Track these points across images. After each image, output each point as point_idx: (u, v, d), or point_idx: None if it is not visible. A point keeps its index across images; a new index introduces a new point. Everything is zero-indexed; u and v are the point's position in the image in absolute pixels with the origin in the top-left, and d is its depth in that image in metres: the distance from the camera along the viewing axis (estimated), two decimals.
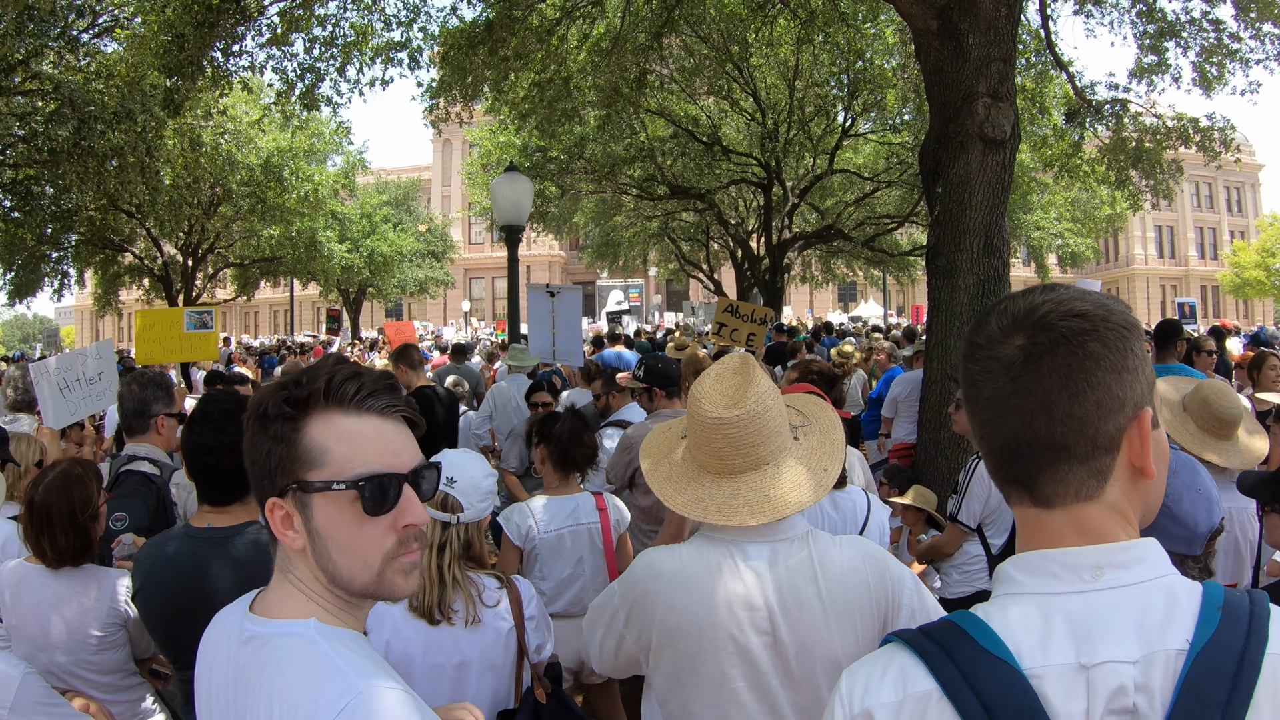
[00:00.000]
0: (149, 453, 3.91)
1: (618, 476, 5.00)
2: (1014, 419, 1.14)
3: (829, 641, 1.96)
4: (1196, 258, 66.23)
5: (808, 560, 2.01)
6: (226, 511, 2.50)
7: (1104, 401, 1.10)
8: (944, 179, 6.18)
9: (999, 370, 1.14)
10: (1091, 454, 1.12)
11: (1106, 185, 16.95)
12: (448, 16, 11.93)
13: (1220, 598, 1.07)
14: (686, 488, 2.11)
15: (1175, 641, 1.03)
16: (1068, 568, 1.10)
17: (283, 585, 1.41)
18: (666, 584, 2.06)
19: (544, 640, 3.00)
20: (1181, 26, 11.75)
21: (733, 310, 10.20)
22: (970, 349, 1.21)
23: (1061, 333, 1.11)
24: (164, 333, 9.00)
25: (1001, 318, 1.17)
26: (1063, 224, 26.62)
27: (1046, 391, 1.11)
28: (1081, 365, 1.10)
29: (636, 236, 28.44)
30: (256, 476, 1.38)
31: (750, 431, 2.03)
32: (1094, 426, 1.11)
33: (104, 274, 27.13)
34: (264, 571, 2.33)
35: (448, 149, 63.65)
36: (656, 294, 57.40)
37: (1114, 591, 1.07)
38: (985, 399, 1.17)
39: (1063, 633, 1.06)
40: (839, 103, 19.18)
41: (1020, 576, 1.14)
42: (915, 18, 6.30)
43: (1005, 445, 1.16)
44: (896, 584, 2.01)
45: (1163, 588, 1.08)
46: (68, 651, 2.81)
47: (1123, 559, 1.10)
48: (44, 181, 17.21)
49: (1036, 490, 1.15)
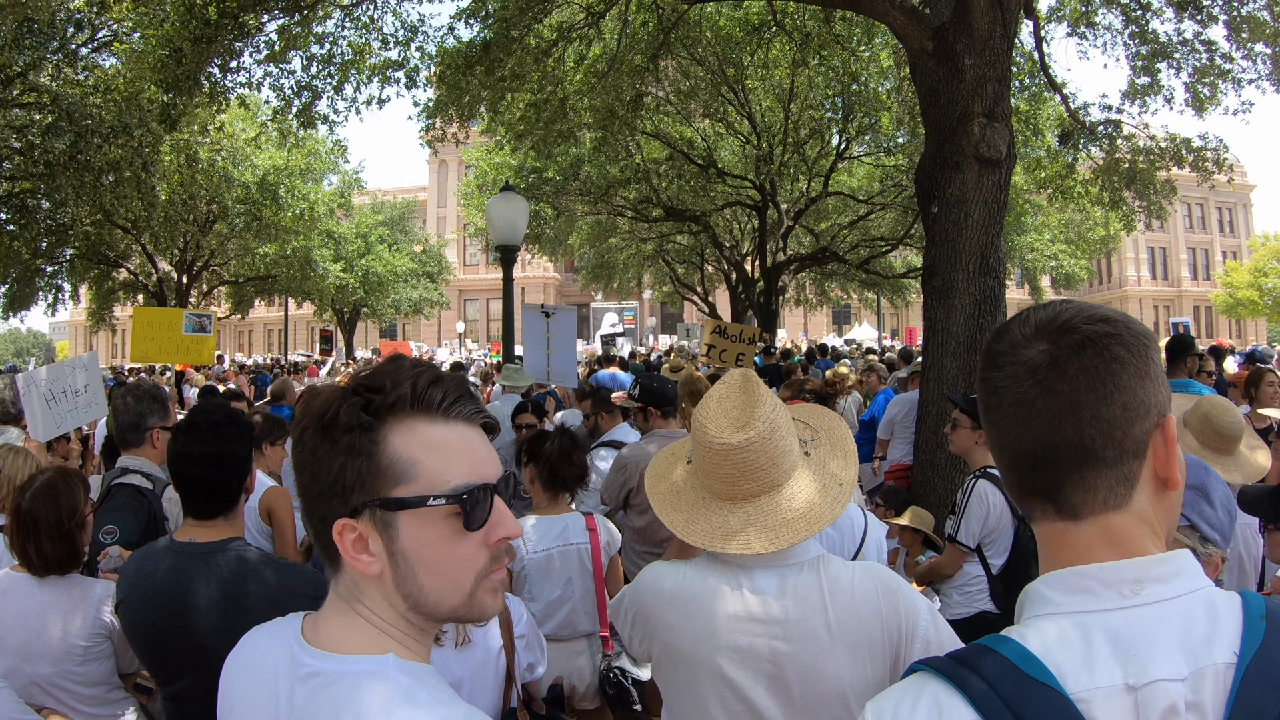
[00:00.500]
0: (142, 466, 3.86)
1: (612, 498, 4.96)
2: (1040, 423, 1.11)
3: (836, 673, 1.88)
4: (1189, 278, 66.47)
5: (817, 588, 1.93)
6: (210, 526, 2.46)
7: (1130, 405, 1.09)
8: (940, 199, 6.19)
9: (1024, 374, 1.13)
10: (1119, 459, 1.10)
11: (1100, 206, 17.01)
12: (445, 36, 11.97)
13: (1262, 606, 1.04)
14: (699, 517, 2.01)
15: (1223, 655, 1.00)
16: (1106, 583, 1.07)
17: (347, 615, 1.26)
18: (665, 601, 2.01)
19: (536, 660, 2.96)
20: (1174, 47, 11.84)
21: (721, 331, 10.21)
22: (991, 356, 1.19)
23: (1087, 335, 1.10)
24: (161, 332, 8.92)
25: (1024, 325, 1.16)
26: (1057, 245, 26.76)
27: (1074, 392, 1.09)
28: (1108, 367, 1.09)
29: (631, 258, 28.52)
30: (319, 495, 1.22)
31: (762, 454, 1.95)
32: (1121, 430, 1.09)
33: (98, 289, 27.14)
34: (245, 589, 2.29)
35: (443, 169, 63.80)
36: (651, 316, 57.48)
37: (1155, 606, 1.04)
38: (1009, 404, 1.15)
39: (1106, 652, 1.02)
40: (834, 125, 19.27)
41: (1055, 595, 1.10)
42: (911, 38, 6.33)
43: (1031, 452, 1.13)
44: (911, 613, 1.92)
45: (1203, 599, 1.04)
46: (53, 662, 2.77)
47: (1161, 572, 1.06)
48: (40, 195, 17.21)
49: (1063, 499, 1.12)
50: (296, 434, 1.24)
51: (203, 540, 2.43)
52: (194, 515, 2.48)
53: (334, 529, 1.20)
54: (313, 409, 1.22)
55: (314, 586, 2.35)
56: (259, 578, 2.37)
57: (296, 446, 1.24)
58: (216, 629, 2.28)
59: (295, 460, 1.25)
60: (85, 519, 2.89)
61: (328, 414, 1.20)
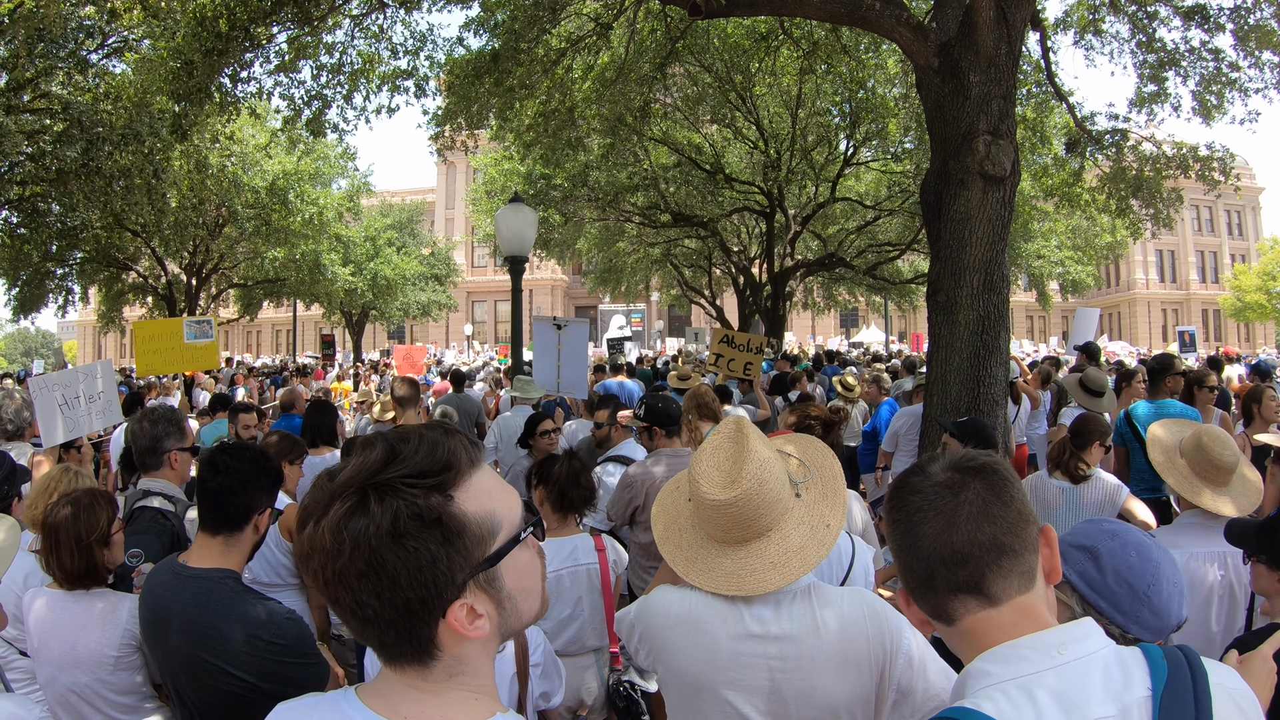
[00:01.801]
0: (164, 489, 3.96)
1: (618, 515, 5.02)
2: (964, 526, 1.38)
3: (828, 689, 2.03)
4: (1198, 281, 66.23)
5: (810, 615, 2.08)
6: (209, 545, 2.61)
7: (1022, 511, 1.41)
8: (945, 215, 6.21)
9: (942, 490, 1.43)
10: (1023, 552, 1.39)
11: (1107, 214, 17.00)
12: (454, 46, 12.03)
13: (1157, 651, 1.33)
14: (697, 556, 2.18)
15: (1139, 691, 1.27)
16: (1036, 650, 1.32)
17: (445, 696, 1.22)
18: (674, 624, 2.14)
19: (551, 689, 3.03)
20: (1181, 56, 11.79)
21: (729, 341, 10.23)
22: (904, 489, 1.50)
23: (980, 464, 1.44)
24: (164, 344, 8.92)
25: (931, 463, 1.50)
26: (1063, 252, 26.70)
27: (984, 502, 1.39)
28: (1002, 483, 1.42)
29: (639, 262, 28.54)
30: (413, 601, 1.15)
31: (750, 507, 2.08)
32: (1020, 530, 1.39)
33: (108, 291, 27.20)
34: (207, 620, 2.42)
35: (452, 172, 63.95)
36: (659, 319, 57.49)
37: (1079, 662, 1.29)
38: (933, 517, 1.42)
39: (1050, 705, 1.25)
40: (841, 131, 19.25)
41: (994, 669, 1.33)
42: (917, 54, 6.36)
43: (957, 553, 1.39)
44: (895, 633, 2.07)
45: (1112, 653, 1.32)
46: (87, 671, 2.88)
47: (1075, 635, 1.33)
48: (50, 199, 17.27)
49: (986, 588, 1.38)
50: (343, 564, 1.13)
51: (193, 565, 2.56)
52: (201, 527, 2.61)
53: (448, 618, 1.17)
54: (362, 529, 1.13)
55: (274, 630, 2.44)
56: (222, 613, 2.45)
57: (348, 575, 1.13)
58: (179, 649, 2.44)
59: (352, 587, 1.14)
60: (109, 537, 2.98)
61: (397, 522, 1.13)
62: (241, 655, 2.39)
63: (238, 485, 2.59)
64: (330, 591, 1.15)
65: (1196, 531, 3.51)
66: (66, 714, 2.88)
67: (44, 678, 2.95)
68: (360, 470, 1.16)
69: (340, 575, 1.13)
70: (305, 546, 1.17)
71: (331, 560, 1.13)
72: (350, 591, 1.14)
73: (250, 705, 2.35)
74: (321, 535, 1.14)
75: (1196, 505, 3.52)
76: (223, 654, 2.39)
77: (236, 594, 2.51)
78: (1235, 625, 3.44)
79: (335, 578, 1.14)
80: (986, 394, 6.05)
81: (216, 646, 2.39)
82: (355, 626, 1.18)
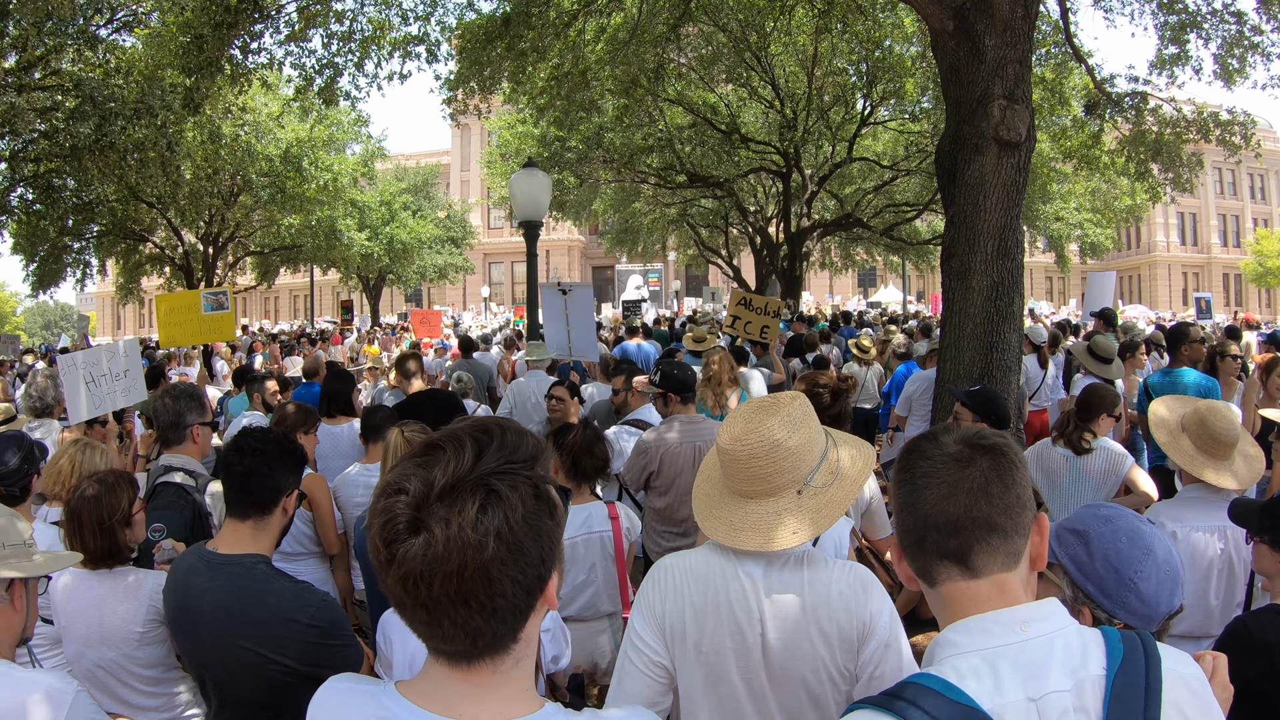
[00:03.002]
0: (185, 464, 4.06)
1: (633, 480, 5.09)
2: (962, 499, 1.44)
3: (812, 651, 2.11)
4: (1219, 245, 65.30)
5: (797, 578, 2.15)
6: (238, 530, 2.62)
7: (1022, 497, 1.46)
8: (959, 180, 6.18)
9: (949, 460, 1.48)
10: (1013, 534, 1.44)
11: (1126, 177, 16.82)
12: (465, 10, 11.97)
13: (1115, 634, 1.40)
14: (713, 506, 2.27)
15: (1095, 669, 1.34)
16: (1002, 625, 1.39)
17: (506, 689, 1.28)
18: (681, 576, 2.23)
19: (560, 652, 3.11)
20: (1203, 18, 11.60)
21: (746, 303, 10.22)
22: (915, 454, 1.54)
23: (991, 444, 1.49)
24: (183, 315, 9.01)
25: (946, 434, 1.54)
26: (1082, 214, 26.40)
27: (986, 480, 1.44)
28: (1008, 465, 1.46)
29: (655, 223, 28.46)
30: (536, 582, 1.22)
31: (753, 465, 2.16)
32: (1016, 514, 1.45)
33: (125, 263, 27.37)
34: (243, 605, 2.44)
35: (466, 134, 63.65)
36: (676, 279, 57.41)
37: (1041, 639, 1.36)
38: (936, 484, 1.47)
39: (1009, 676, 1.33)
40: (858, 91, 19.05)
41: (961, 639, 1.40)
42: (932, 17, 6.30)
43: (951, 522, 1.44)
44: (876, 614, 2.13)
45: (1073, 632, 1.39)
46: (114, 646, 2.96)
47: (1041, 613, 1.40)
48: (65, 175, 17.33)
49: (970, 561, 1.44)
50: (487, 556, 1.15)
51: (224, 551, 2.58)
52: (229, 513, 2.63)
53: (547, 591, 1.25)
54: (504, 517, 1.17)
55: (312, 613, 2.46)
56: (258, 598, 2.47)
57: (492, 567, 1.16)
58: (213, 636, 2.45)
59: (492, 578, 1.17)
60: (130, 517, 3.06)
61: (523, 508, 1.19)
62: (280, 639, 2.40)
63: (264, 467, 2.61)
64: (464, 590, 1.15)
65: (1197, 505, 3.53)
66: (95, 689, 2.95)
67: (71, 654, 3.04)
68: (469, 466, 1.19)
69: (484, 570, 1.15)
70: (420, 561, 1.14)
71: (476, 555, 1.14)
72: (489, 583, 1.16)
73: (288, 689, 2.38)
74: (460, 535, 1.14)
75: (1199, 480, 3.55)
76: (261, 640, 2.40)
77: (271, 577, 2.53)
78: (1234, 600, 3.47)
79: (478, 573, 1.15)
80: (999, 360, 6.05)
81: (254, 632, 2.41)
82: (475, 623, 1.19)
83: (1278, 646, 2.36)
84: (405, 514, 1.16)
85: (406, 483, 1.18)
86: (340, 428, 6.09)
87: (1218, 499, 3.46)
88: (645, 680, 2.21)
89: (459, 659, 1.23)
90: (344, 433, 6.04)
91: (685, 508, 5.08)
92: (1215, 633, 3.32)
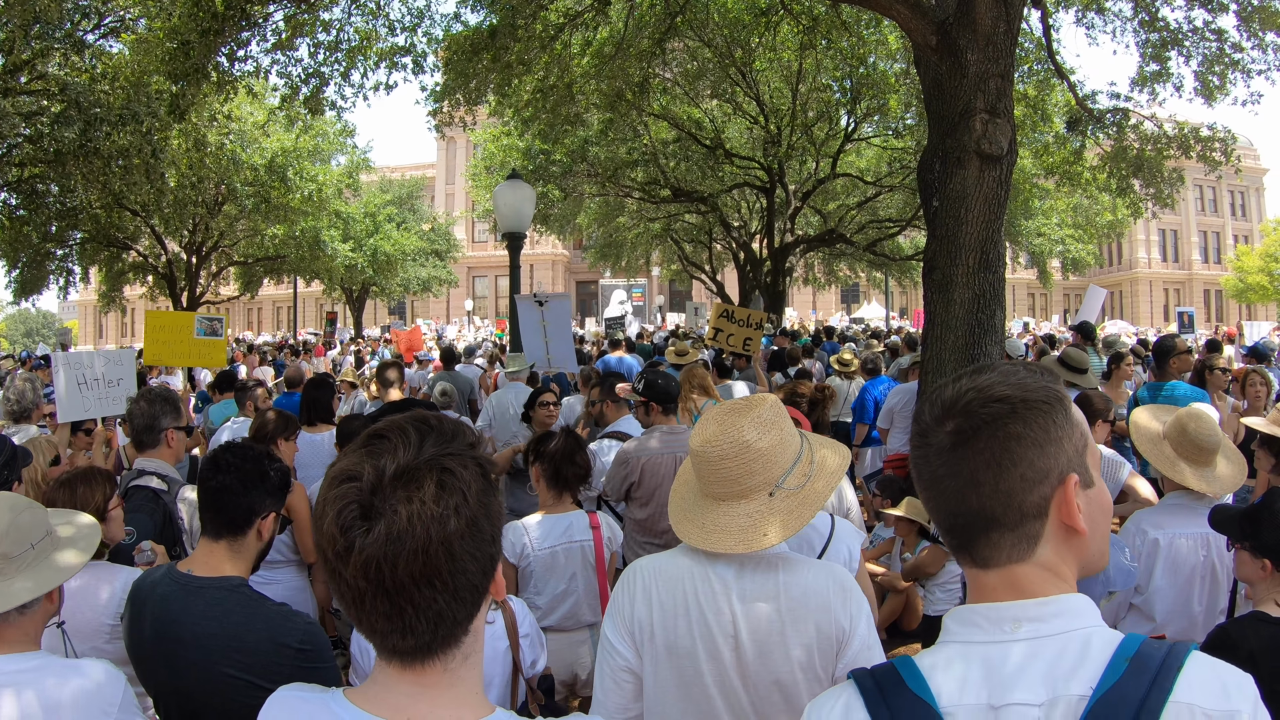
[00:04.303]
0: (158, 468, 4.03)
1: (614, 490, 5.06)
2: (949, 497, 1.29)
3: (785, 653, 2.09)
4: (1200, 262, 65.98)
5: (771, 580, 2.14)
6: (213, 551, 2.49)
7: (1028, 475, 1.24)
8: (941, 193, 6.21)
9: (934, 455, 1.30)
10: (1020, 522, 1.25)
11: (1108, 193, 16.96)
12: (451, 22, 11.98)
13: (1134, 649, 1.17)
14: (687, 510, 2.26)
15: (1079, 688, 1.14)
16: (991, 620, 1.25)
17: (456, 689, 1.27)
18: (650, 577, 2.22)
19: (537, 656, 3.10)
20: (1184, 35, 11.74)
21: (728, 315, 10.25)
22: (913, 438, 1.38)
23: (983, 418, 1.26)
24: (173, 335, 8.88)
25: (934, 407, 1.33)
26: (1064, 230, 26.61)
27: (974, 471, 1.25)
28: (1005, 445, 1.24)
29: (639, 238, 28.49)
30: (489, 561, 1.25)
31: (724, 467, 2.16)
32: (1020, 498, 1.24)
33: (108, 271, 27.23)
34: (229, 632, 2.33)
35: (452, 146, 63.66)
36: (659, 294, 57.47)
37: (1029, 642, 1.20)
38: (926, 480, 1.33)
39: (978, 677, 1.21)
40: (842, 107, 19.14)
41: (954, 627, 1.30)
42: (915, 32, 6.34)
43: (945, 520, 1.32)
44: (855, 615, 2.12)
45: (1080, 638, 1.20)
46: (85, 639, 2.91)
47: (1040, 613, 1.22)
48: (49, 180, 17.26)
49: (976, 554, 1.29)
50: (450, 530, 1.17)
51: (200, 573, 2.45)
52: (204, 531, 2.52)
53: (496, 576, 1.30)
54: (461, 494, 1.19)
55: (300, 636, 2.37)
56: (245, 622, 2.36)
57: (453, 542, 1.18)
58: (196, 666, 2.33)
59: (455, 554, 1.19)
60: (106, 512, 3.07)
61: (477, 484, 1.22)
62: (269, 665, 2.30)
63: (238, 486, 2.49)
64: (429, 568, 1.16)
65: (1180, 513, 3.55)
66: None
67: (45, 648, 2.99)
68: (418, 451, 1.20)
69: (447, 545, 1.17)
70: (383, 543, 1.14)
71: (439, 529, 1.16)
72: (452, 559, 1.18)
73: None
74: (424, 511, 1.15)
75: (1180, 485, 3.56)
76: (248, 666, 2.30)
77: (254, 601, 2.42)
78: (1218, 607, 3.48)
79: (442, 548, 1.16)
80: None
81: (241, 659, 2.31)
82: (439, 604, 1.19)
83: (1261, 654, 2.35)
84: (361, 499, 1.16)
85: (358, 470, 1.18)
86: (320, 436, 6.06)
87: (1200, 505, 3.48)
88: (617, 689, 2.21)
89: (413, 657, 1.22)
90: (324, 441, 6.01)
91: (667, 519, 5.04)
92: (1199, 639, 3.33)
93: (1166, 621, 3.46)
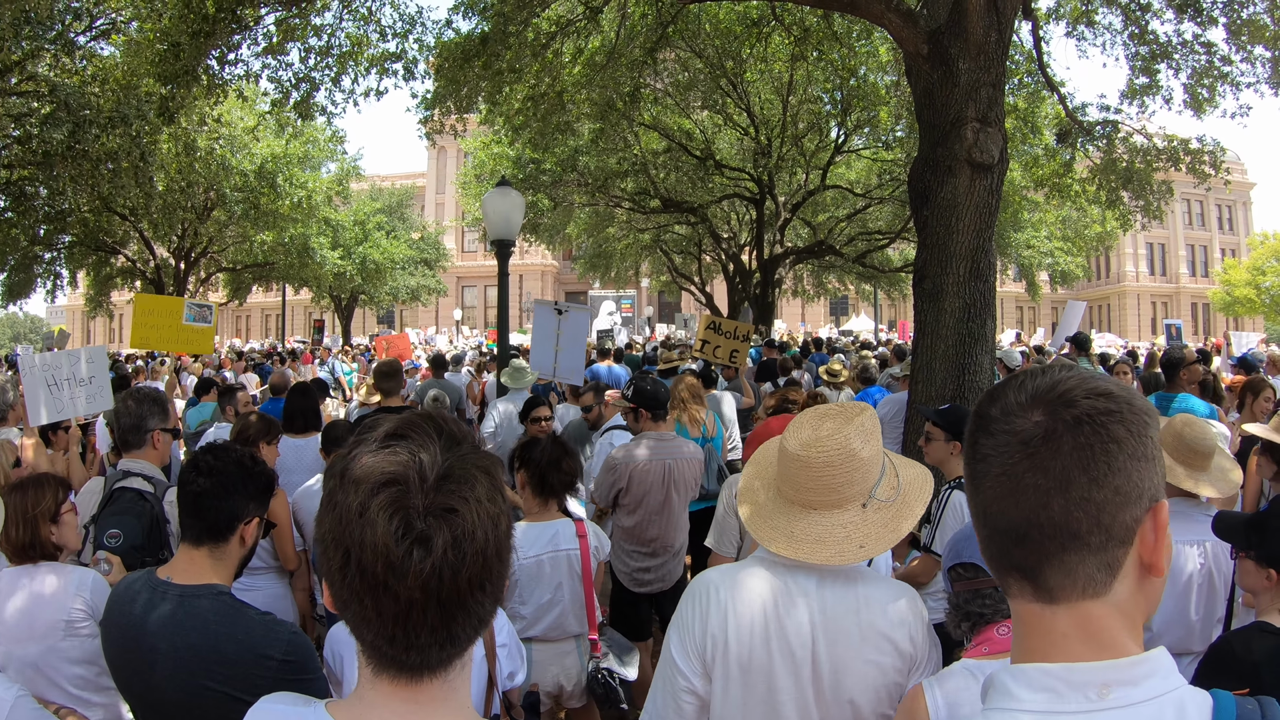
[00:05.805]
0: (144, 469, 3.95)
1: (603, 498, 5.03)
2: (1027, 499, 1.05)
3: (864, 670, 2.03)
4: (1187, 275, 66.33)
5: (852, 593, 2.07)
6: (194, 558, 2.38)
7: (1124, 489, 1.03)
8: (932, 202, 6.20)
9: (1015, 445, 1.06)
10: (1105, 545, 1.04)
11: (1097, 205, 17.05)
12: (443, 29, 11.94)
13: (1232, 710, 1.01)
14: (768, 515, 2.19)
15: None
16: (1073, 685, 1.02)
17: (450, 702, 1.19)
18: (726, 592, 2.12)
19: (515, 668, 3.02)
20: (1174, 48, 11.82)
21: (715, 327, 10.22)
22: (982, 420, 1.12)
23: (1086, 411, 1.04)
24: (162, 320, 8.72)
25: (1020, 392, 1.10)
26: (1053, 242, 26.74)
27: (1066, 471, 1.03)
28: (1105, 448, 1.03)
29: (629, 248, 28.53)
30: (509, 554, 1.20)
31: (826, 474, 2.08)
32: (1110, 515, 1.03)
33: (96, 275, 27.18)
34: (208, 642, 2.21)
35: (443, 156, 63.63)
36: (649, 305, 57.52)
37: (1122, 710, 1.00)
38: (996, 475, 1.08)
39: None
40: (832, 119, 19.23)
41: (1020, 691, 1.05)
42: (906, 41, 6.34)
43: (1014, 529, 1.07)
44: (930, 652, 2.09)
45: (1173, 702, 1.01)
46: (39, 640, 2.90)
47: (1132, 675, 1.02)
48: (38, 183, 17.18)
49: (1041, 581, 1.06)
50: (500, 532, 1.13)
51: (179, 581, 2.33)
52: (184, 537, 2.41)
53: None
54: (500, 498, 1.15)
55: (284, 647, 2.24)
56: (226, 633, 2.24)
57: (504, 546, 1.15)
58: (172, 678, 2.21)
59: (504, 558, 1.15)
60: (57, 514, 3.06)
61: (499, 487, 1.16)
62: (252, 678, 2.17)
63: (219, 489, 2.37)
64: (485, 571, 1.10)
65: (1177, 520, 3.51)
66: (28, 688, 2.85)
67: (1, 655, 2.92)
68: (450, 448, 1.13)
69: (499, 544, 1.12)
70: (449, 550, 1.06)
71: (494, 528, 1.11)
72: (500, 561, 1.13)
73: None
74: (483, 510, 1.09)
75: (1177, 491, 3.54)
76: (230, 679, 2.17)
77: (235, 611, 2.29)
78: (1215, 614, 3.46)
79: (495, 548, 1.11)
80: (972, 381, 6.05)
81: (223, 672, 2.19)
82: (485, 609, 1.13)
83: (1265, 665, 2.29)
84: (413, 503, 1.06)
85: (395, 472, 1.08)
86: (305, 440, 5.98)
87: (1197, 512, 3.47)
88: (677, 712, 2.13)
89: (416, 672, 1.13)
90: (308, 446, 5.94)
91: (654, 526, 5.03)
92: (1196, 648, 3.31)
93: (1163, 630, 3.43)
